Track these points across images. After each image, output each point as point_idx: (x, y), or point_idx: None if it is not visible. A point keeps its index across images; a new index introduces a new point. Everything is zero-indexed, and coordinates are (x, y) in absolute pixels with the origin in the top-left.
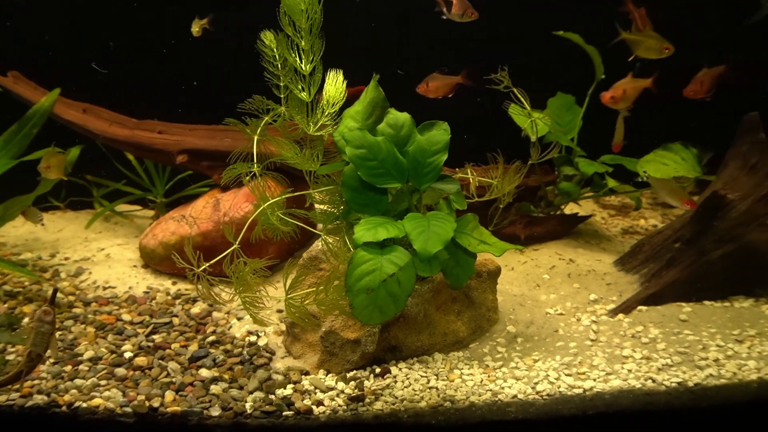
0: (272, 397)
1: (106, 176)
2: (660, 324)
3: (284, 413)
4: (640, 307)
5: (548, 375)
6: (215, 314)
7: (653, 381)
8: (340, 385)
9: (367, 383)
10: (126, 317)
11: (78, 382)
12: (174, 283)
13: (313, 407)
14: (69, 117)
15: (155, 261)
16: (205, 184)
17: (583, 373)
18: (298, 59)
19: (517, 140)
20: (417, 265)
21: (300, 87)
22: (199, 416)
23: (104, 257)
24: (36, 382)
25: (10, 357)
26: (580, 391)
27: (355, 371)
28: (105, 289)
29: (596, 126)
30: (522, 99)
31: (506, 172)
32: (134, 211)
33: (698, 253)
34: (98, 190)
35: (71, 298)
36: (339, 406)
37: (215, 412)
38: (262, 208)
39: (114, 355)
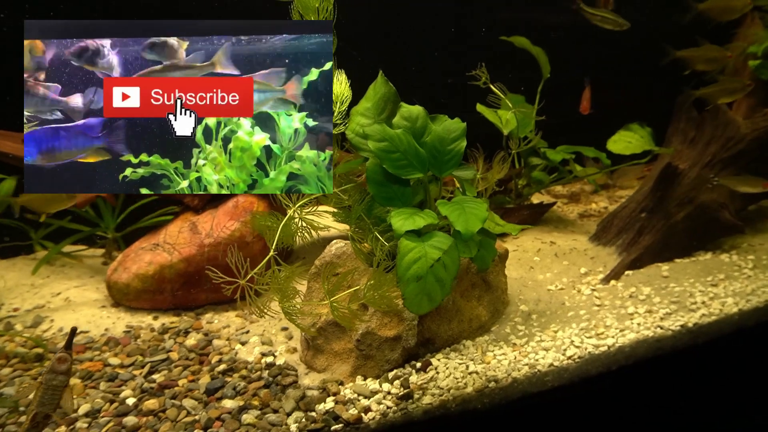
0: (313, 414)
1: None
2: (648, 283)
3: (332, 428)
4: (626, 272)
5: (573, 341)
6: (216, 342)
7: (661, 328)
8: (385, 386)
9: (412, 379)
10: (114, 361)
11: None
12: (155, 318)
13: (362, 415)
14: (6, 150)
15: (130, 297)
16: (165, 212)
17: (602, 333)
18: None
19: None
20: (460, 247)
21: None
22: None
23: (63, 302)
24: None
25: None
26: (605, 348)
27: (395, 370)
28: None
29: (545, 120)
30: (502, 96)
31: (490, 165)
32: (80, 250)
33: (665, 217)
34: (36, 231)
35: (39, 350)
36: (388, 408)
37: None
38: (291, 211)
39: (115, 404)
